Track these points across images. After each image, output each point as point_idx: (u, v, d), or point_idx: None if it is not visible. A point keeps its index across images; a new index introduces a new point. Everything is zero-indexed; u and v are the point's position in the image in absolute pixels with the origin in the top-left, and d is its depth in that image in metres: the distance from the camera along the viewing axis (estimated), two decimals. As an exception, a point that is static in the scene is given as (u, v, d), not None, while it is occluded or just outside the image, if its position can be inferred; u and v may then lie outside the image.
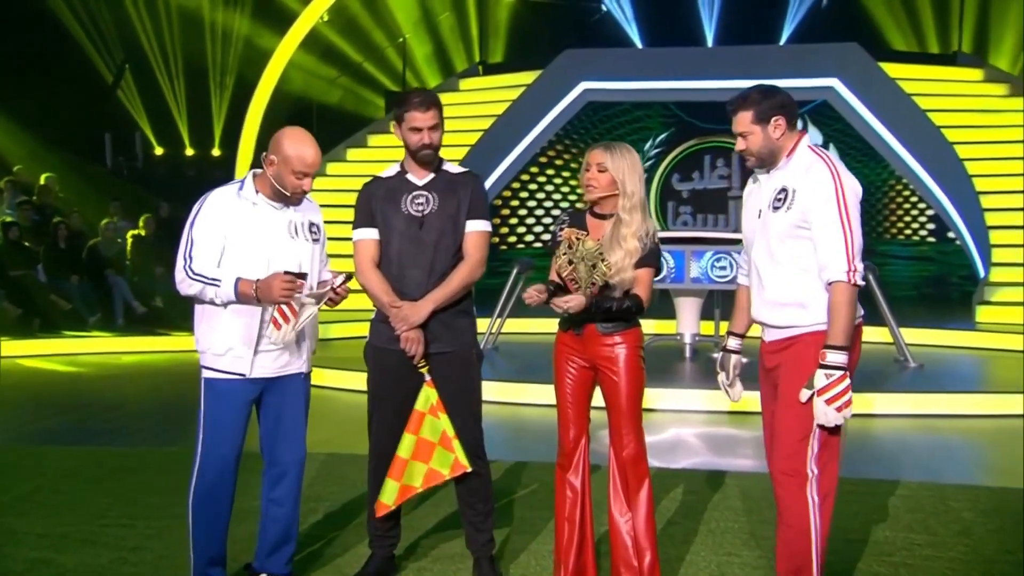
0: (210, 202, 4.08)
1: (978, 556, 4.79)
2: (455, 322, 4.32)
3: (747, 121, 3.83)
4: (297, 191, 4.07)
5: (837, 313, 3.65)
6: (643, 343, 4.27)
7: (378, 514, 4.31)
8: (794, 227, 3.71)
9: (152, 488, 5.88)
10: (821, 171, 3.71)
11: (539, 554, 4.78)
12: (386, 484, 4.23)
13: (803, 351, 3.75)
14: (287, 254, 4.09)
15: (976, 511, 5.50)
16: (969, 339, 11.87)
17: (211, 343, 4.09)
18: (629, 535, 4.18)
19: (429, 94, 4.38)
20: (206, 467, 4.10)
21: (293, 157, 4.00)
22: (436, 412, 4.21)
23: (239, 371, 4.07)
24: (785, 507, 3.79)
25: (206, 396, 4.12)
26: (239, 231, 4.03)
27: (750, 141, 3.84)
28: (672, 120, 17.69)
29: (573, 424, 4.27)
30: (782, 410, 3.79)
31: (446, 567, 4.63)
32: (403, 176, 4.37)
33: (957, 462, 7.07)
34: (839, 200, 3.65)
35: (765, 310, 3.87)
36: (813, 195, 3.68)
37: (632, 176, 4.16)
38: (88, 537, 4.99)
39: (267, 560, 4.27)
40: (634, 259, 4.10)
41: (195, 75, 18.72)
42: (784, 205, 3.75)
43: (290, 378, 4.20)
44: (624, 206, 4.14)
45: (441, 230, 4.27)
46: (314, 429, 4.48)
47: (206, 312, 4.10)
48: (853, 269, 3.63)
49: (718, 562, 4.71)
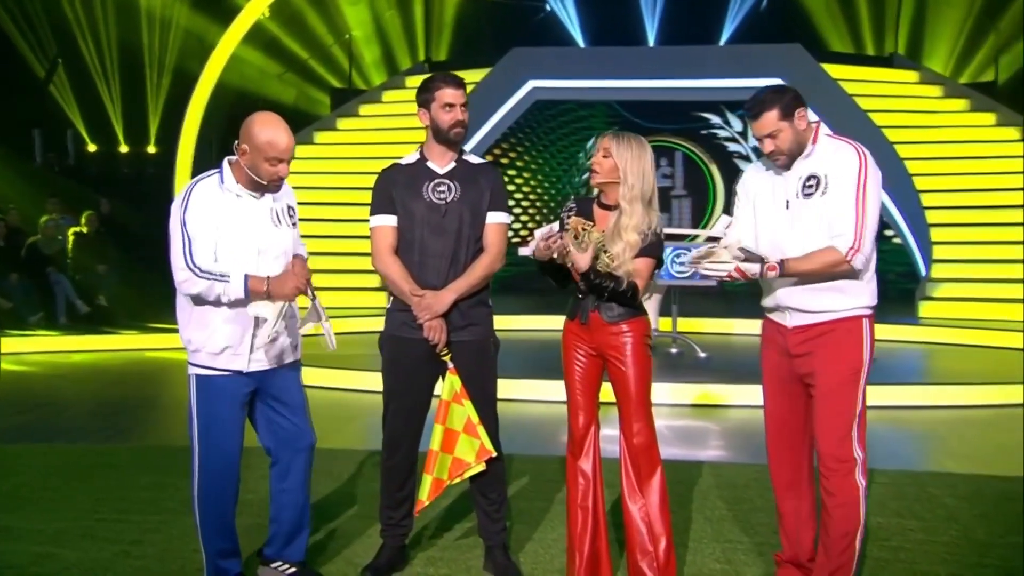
0: (196, 196, 3.95)
1: (970, 540, 4.90)
2: (474, 312, 4.31)
3: (774, 120, 3.83)
4: (274, 179, 3.97)
5: (812, 259, 3.75)
6: (650, 332, 4.30)
7: (416, 511, 4.31)
8: (827, 211, 3.78)
9: (136, 484, 5.79)
10: (849, 153, 3.81)
11: (547, 543, 4.80)
12: (423, 480, 4.22)
13: (842, 337, 3.83)
14: (274, 242, 4.06)
15: (957, 497, 5.63)
16: (913, 333, 12.15)
17: (205, 342, 4.00)
18: (644, 521, 4.20)
19: (455, 74, 4.36)
20: (208, 465, 4.04)
21: (265, 144, 3.89)
22: (460, 400, 4.21)
23: (236, 368, 4.01)
24: (835, 493, 3.82)
25: (199, 394, 4.03)
26: (228, 224, 3.95)
27: (780, 139, 3.84)
28: (616, 119, 17.78)
29: (583, 411, 4.28)
30: (825, 398, 3.83)
31: (456, 555, 4.63)
32: (424, 163, 4.34)
33: (924, 451, 7.24)
34: (860, 181, 3.75)
35: (798, 295, 3.88)
36: (840, 172, 3.77)
37: (634, 167, 4.16)
38: (86, 532, 4.92)
39: (285, 549, 4.23)
40: (634, 251, 4.10)
41: (130, 70, 18.37)
42: (818, 191, 3.80)
43: (286, 368, 4.16)
44: (624, 195, 4.14)
45: (463, 219, 4.26)
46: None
47: (196, 312, 4.00)
48: (856, 249, 3.72)
49: (722, 548, 4.77)
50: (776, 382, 4.05)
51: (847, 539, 3.82)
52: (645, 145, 4.25)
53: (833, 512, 3.84)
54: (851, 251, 3.72)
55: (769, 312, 4.09)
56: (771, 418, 4.08)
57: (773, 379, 4.06)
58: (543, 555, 4.64)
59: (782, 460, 4.07)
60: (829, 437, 3.83)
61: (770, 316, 4.09)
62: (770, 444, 4.11)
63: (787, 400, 4.01)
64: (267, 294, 3.92)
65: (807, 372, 3.90)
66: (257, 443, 4.22)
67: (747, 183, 4.14)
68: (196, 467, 4.04)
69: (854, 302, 3.83)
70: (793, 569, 4.14)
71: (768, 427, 4.09)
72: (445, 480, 4.22)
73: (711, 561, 4.59)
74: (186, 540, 4.73)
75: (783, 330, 3.98)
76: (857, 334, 3.84)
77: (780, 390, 4.03)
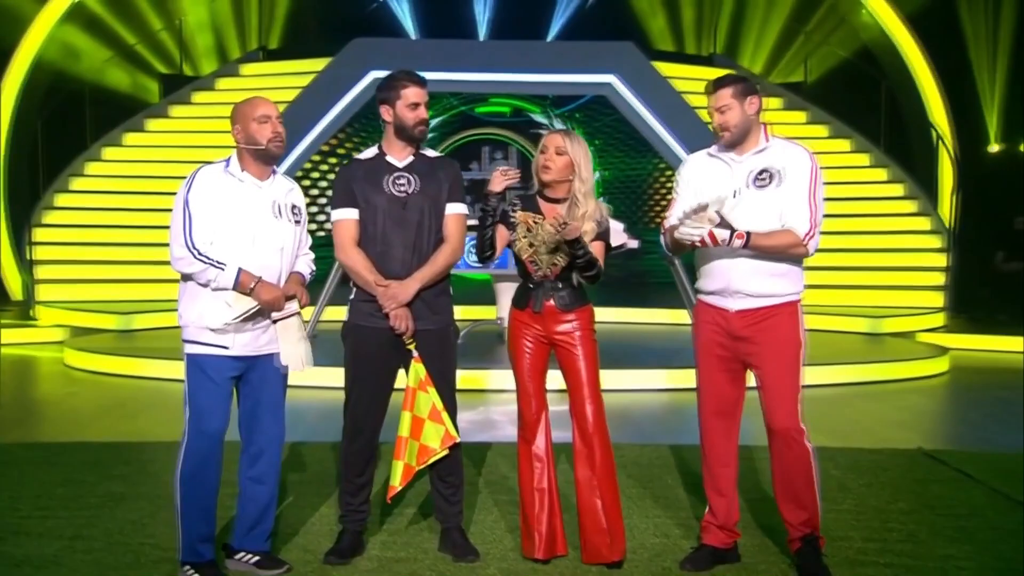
0: (200, 179, 4.13)
1: (868, 507, 5.34)
2: (436, 301, 4.46)
3: (727, 95, 4.24)
4: (271, 138, 4.15)
5: (773, 237, 4.13)
6: (594, 320, 4.56)
7: (388, 496, 4.42)
8: (781, 203, 4.17)
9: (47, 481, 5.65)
10: (801, 152, 4.27)
11: (497, 529, 4.93)
12: (393, 466, 4.33)
13: (783, 321, 4.24)
14: (271, 233, 4.18)
15: (841, 469, 6.08)
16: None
17: (192, 317, 4.12)
18: (599, 499, 4.43)
19: (419, 74, 4.52)
20: (193, 445, 4.11)
21: (248, 110, 4.17)
22: (425, 387, 4.34)
23: (222, 343, 4.09)
24: (792, 462, 4.24)
25: (189, 372, 4.14)
26: (226, 208, 4.10)
27: (728, 115, 4.24)
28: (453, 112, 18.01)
29: (534, 397, 4.51)
30: (775, 376, 4.22)
31: (410, 539, 4.75)
32: (382, 158, 4.47)
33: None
34: (813, 177, 4.19)
35: (749, 278, 4.22)
36: (794, 168, 4.19)
37: (585, 162, 4.44)
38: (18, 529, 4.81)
39: (246, 537, 4.30)
40: (591, 239, 4.38)
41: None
42: (772, 183, 4.19)
43: (270, 357, 4.23)
44: (579, 189, 4.41)
45: (424, 211, 4.40)
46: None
47: (188, 287, 4.14)
48: (811, 235, 4.14)
49: (654, 524, 5.02)
50: (715, 360, 4.38)
51: (811, 491, 4.27)
52: (584, 141, 4.53)
53: (791, 482, 4.27)
54: (807, 236, 4.14)
55: (707, 295, 4.40)
56: (707, 394, 4.42)
57: (711, 357, 4.39)
58: (496, 539, 4.78)
59: (718, 431, 4.43)
60: (780, 412, 4.24)
61: (708, 300, 4.40)
62: (705, 418, 4.45)
63: (727, 376, 4.37)
64: (251, 292, 4.06)
65: (750, 353, 4.28)
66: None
67: (687, 172, 4.49)
68: (183, 449, 4.11)
69: (792, 287, 4.26)
70: (721, 532, 4.47)
71: (704, 402, 4.43)
72: (414, 467, 4.36)
73: (649, 536, 4.84)
74: (128, 533, 4.75)
75: (725, 314, 4.32)
76: (795, 317, 4.27)
77: (719, 367, 4.37)
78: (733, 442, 4.48)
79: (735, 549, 4.50)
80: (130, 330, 11.79)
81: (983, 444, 7.06)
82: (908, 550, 4.65)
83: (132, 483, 5.62)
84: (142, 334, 11.57)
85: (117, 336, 11.52)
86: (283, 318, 4.21)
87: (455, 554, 4.49)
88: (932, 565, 4.46)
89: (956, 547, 4.70)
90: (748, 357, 4.31)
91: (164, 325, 11.35)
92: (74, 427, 7.36)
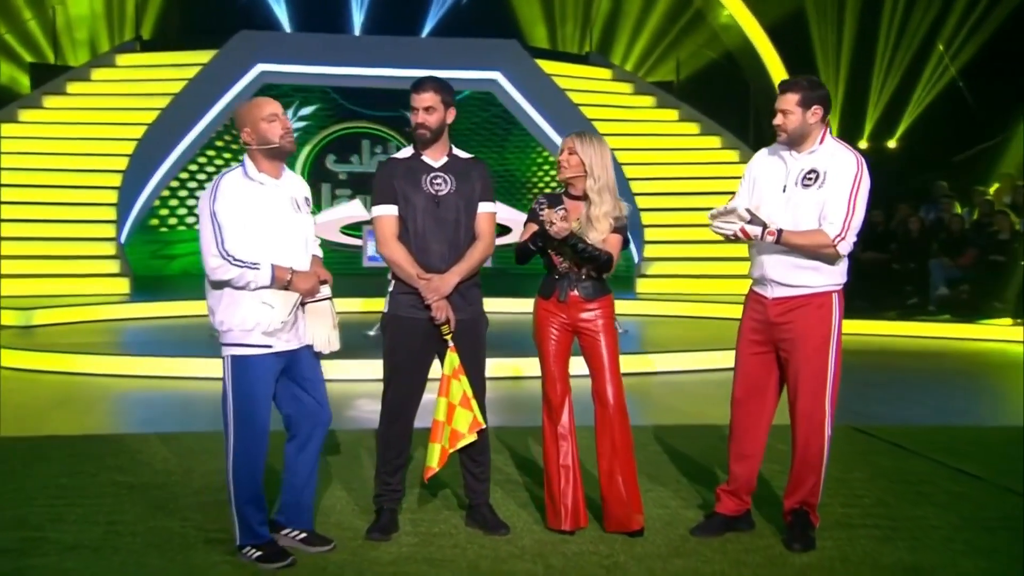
0: (224, 187, 4.24)
1: (831, 478, 5.21)
2: (469, 292, 4.74)
3: (792, 102, 4.51)
4: (282, 134, 4.30)
5: (805, 236, 4.45)
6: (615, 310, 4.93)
7: (426, 477, 4.66)
8: (822, 203, 4.48)
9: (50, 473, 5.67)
10: (849, 156, 4.53)
11: (526, 504, 5.21)
12: (430, 449, 4.57)
13: (815, 310, 4.56)
14: (296, 227, 4.37)
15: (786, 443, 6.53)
16: (632, 307, 13.46)
17: (235, 321, 4.23)
18: (620, 473, 4.78)
19: (425, 77, 4.73)
20: (242, 443, 4.27)
21: (256, 111, 4.31)
22: (458, 375, 4.60)
23: (266, 343, 4.25)
24: (808, 444, 4.62)
25: (234, 372, 4.27)
26: (254, 211, 4.23)
27: (789, 120, 4.52)
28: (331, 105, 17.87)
29: (559, 380, 4.83)
30: (805, 362, 4.56)
31: (438, 516, 5.00)
32: (419, 157, 4.71)
33: (704, 408, 7.94)
34: (856, 181, 4.47)
35: (781, 269, 4.57)
36: (838, 172, 4.48)
37: (598, 160, 4.75)
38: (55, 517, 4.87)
39: (296, 516, 4.52)
40: (606, 234, 4.73)
41: None
42: (815, 184, 4.50)
43: (308, 346, 4.44)
44: (592, 187, 4.74)
45: (459, 209, 4.67)
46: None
47: (226, 295, 4.24)
48: (842, 237, 4.45)
49: (653, 498, 5.34)
50: (753, 344, 4.74)
51: (815, 485, 4.67)
52: (604, 142, 4.85)
53: (806, 463, 4.67)
54: (838, 238, 4.45)
55: (754, 284, 4.78)
56: (739, 373, 4.79)
57: (749, 341, 4.75)
58: (514, 511, 5.07)
59: (747, 409, 4.79)
60: (805, 395, 4.59)
61: (753, 287, 4.78)
62: (736, 396, 4.81)
63: (762, 359, 4.73)
64: (289, 284, 4.22)
65: (783, 339, 4.63)
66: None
67: (753, 164, 4.81)
68: (231, 444, 4.27)
69: (826, 280, 4.57)
70: (733, 499, 4.86)
71: (736, 381, 4.80)
72: (448, 450, 4.63)
73: (653, 507, 5.18)
74: (160, 518, 4.88)
75: (764, 300, 4.68)
76: (828, 307, 4.58)
77: (751, 349, 4.74)
78: (764, 420, 4.80)
79: (747, 517, 4.88)
80: (31, 326, 11.48)
81: (894, 420, 7.60)
82: (884, 513, 5.16)
83: (132, 473, 5.66)
84: (42, 330, 11.30)
85: (17, 332, 11.19)
86: (314, 302, 4.40)
87: (486, 528, 4.77)
88: (909, 525, 4.96)
89: (921, 509, 5.23)
90: (780, 343, 4.65)
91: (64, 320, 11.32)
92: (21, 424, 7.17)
